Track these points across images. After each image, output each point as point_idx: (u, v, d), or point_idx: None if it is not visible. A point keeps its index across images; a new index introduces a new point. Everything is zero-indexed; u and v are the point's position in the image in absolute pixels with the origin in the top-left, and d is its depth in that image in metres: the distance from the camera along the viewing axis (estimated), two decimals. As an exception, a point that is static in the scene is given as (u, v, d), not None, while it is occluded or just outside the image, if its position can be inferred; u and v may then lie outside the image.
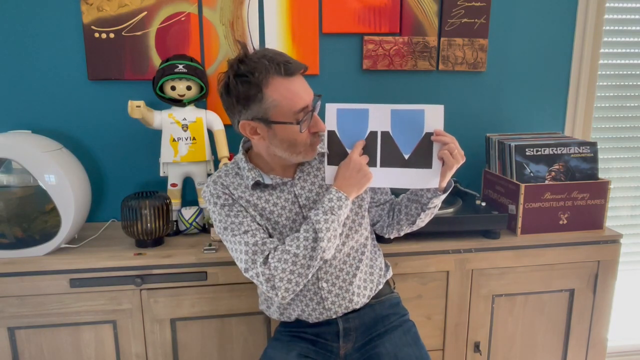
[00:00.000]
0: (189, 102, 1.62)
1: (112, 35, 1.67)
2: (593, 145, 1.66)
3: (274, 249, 1.12)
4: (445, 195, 1.21)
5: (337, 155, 1.15)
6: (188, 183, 1.77)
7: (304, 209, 1.20)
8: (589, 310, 1.67)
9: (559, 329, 1.68)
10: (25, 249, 1.44)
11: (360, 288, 1.25)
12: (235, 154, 1.46)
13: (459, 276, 1.56)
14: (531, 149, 1.63)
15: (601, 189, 1.63)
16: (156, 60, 1.70)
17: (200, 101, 1.68)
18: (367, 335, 1.26)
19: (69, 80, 1.70)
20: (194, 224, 1.65)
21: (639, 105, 2.05)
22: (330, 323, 1.24)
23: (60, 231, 1.45)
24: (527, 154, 1.63)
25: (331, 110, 1.14)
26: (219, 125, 1.66)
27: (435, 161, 1.13)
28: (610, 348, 2.00)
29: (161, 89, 1.60)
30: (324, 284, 1.21)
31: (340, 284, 1.22)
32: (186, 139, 1.62)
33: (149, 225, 1.49)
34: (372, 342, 1.25)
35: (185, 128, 1.62)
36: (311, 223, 1.11)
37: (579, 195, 1.62)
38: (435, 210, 1.27)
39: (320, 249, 1.09)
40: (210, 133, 1.67)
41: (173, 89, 1.59)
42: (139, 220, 1.48)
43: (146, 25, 1.68)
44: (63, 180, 1.43)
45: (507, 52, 1.89)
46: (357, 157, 1.13)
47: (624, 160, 2.10)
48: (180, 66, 1.57)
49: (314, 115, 1.12)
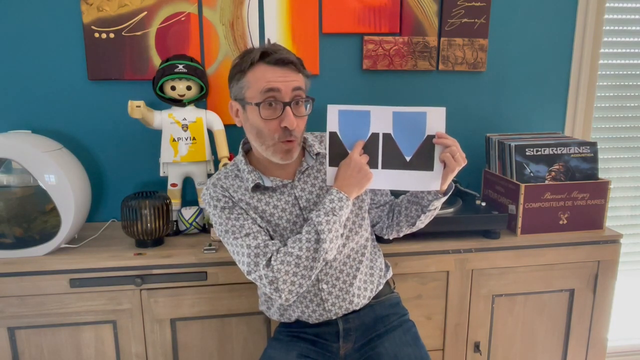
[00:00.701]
0: (189, 102, 1.62)
1: (112, 35, 1.67)
2: (593, 145, 1.66)
3: (277, 251, 1.11)
4: (445, 197, 1.21)
5: (339, 156, 1.15)
6: (188, 183, 1.77)
7: (305, 211, 1.20)
8: (589, 310, 1.67)
9: (559, 329, 1.68)
10: (25, 249, 1.44)
11: (361, 289, 1.25)
12: (235, 154, 1.46)
13: (459, 276, 1.56)
14: (531, 149, 1.63)
15: (601, 189, 1.63)
16: (156, 60, 1.70)
17: (200, 101, 1.68)
18: (367, 335, 1.26)
19: (69, 80, 1.70)
20: (194, 224, 1.65)
21: (639, 105, 2.05)
22: (330, 323, 1.24)
23: (60, 231, 1.45)
24: (527, 154, 1.63)
25: (333, 112, 1.13)
26: (219, 125, 1.66)
27: (437, 164, 1.13)
28: (610, 348, 2.00)
29: (161, 89, 1.60)
30: (324, 285, 1.21)
31: (340, 285, 1.22)
32: (186, 139, 1.62)
33: (149, 225, 1.49)
34: (372, 342, 1.25)
35: (185, 128, 1.62)
36: (313, 224, 1.11)
37: (579, 195, 1.62)
38: (436, 212, 1.27)
39: (322, 250, 1.09)
40: (210, 133, 1.67)
41: (173, 89, 1.59)
42: (139, 220, 1.48)
43: (146, 25, 1.68)
44: (63, 180, 1.43)
45: (507, 52, 1.89)
46: (358, 157, 1.12)
47: (624, 160, 2.10)
48: (180, 66, 1.57)
49: (286, 108, 1.10)
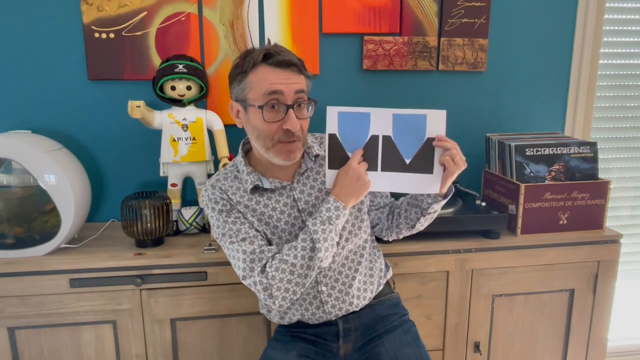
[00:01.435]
0: (189, 102, 1.62)
1: (112, 35, 1.67)
2: (593, 145, 1.66)
3: (272, 258, 1.12)
4: (445, 200, 1.21)
5: (338, 158, 1.15)
6: (188, 183, 1.77)
7: (303, 213, 1.20)
8: (589, 310, 1.67)
9: (559, 329, 1.68)
10: (25, 249, 1.44)
11: (360, 290, 1.25)
12: (235, 154, 1.46)
13: (459, 276, 1.56)
14: (531, 149, 1.63)
15: (601, 189, 1.63)
16: (156, 60, 1.70)
17: (200, 101, 1.68)
18: (367, 336, 1.26)
19: (69, 80, 1.70)
20: (194, 224, 1.65)
21: (639, 105, 2.05)
22: (330, 323, 1.24)
23: (60, 231, 1.45)
24: (527, 154, 1.63)
25: (332, 113, 1.13)
26: (219, 125, 1.66)
27: (437, 166, 1.13)
28: (610, 348, 2.00)
29: (161, 89, 1.60)
30: (324, 287, 1.21)
31: (339, 287, 1.22)
32: (186, 139, 1.62)
33: (149, 225, 1.49)
34: (372, 342, 1.24)
35: (185, 128, 1.62)
36: (309, 232, 1.11)
37: (579, 195, 1.62)
38: (435, 215, 1.27)
39: (317, 258, 1.10)
40: (210, 133, 1.67)
41: (173, 89, 1.59)
42: (139, 220, 1.48)
43: (146, 25, 1.68)
44: (63, 180, 1.43)
45: (507, 52, 1.89)
46: (356, 165, 1.12)
47: (624, 160, 2.10)
48: (180, 66, 1.57)
49: (289, 111, 1.10)
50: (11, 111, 1.70)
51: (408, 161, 1.14)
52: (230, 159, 1.64)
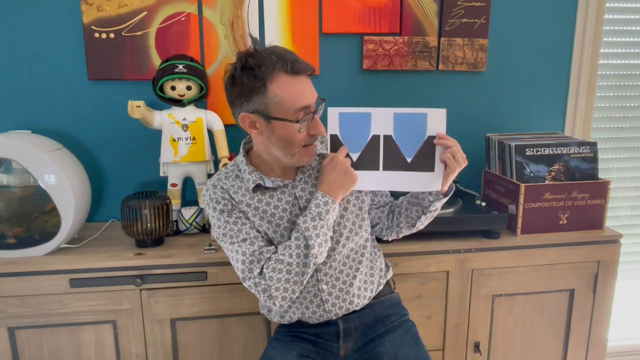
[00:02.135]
0: (189, 102, 1.62)
1: (112, 35, 1.67)
2: (593, 145, 1.66)
3: (268, 259, 1.12)
4: (446, 198, 1.21)
5: None
6: (188, 183, 1.77)
7: (305, 211, 1.20)
8: (589, 310, 1.67)
9: (559, 329, 1.68)
10: (25, 249, 1.45)
11: (361, 289, 1.24)
12: (235, 154, 1.46)
13: (459, 276, 1.56)
14: (531, 149, 1.63)
15: (601, 189, 1.63)
16: (156, 60, 1.70)
17: (200, 101, 1.68)
18: (367, 336, 1.26)
19: (69, 80, 1.70)
20: (194, 224, 1.65)
21: (639, 105, 2.05)
22: (331, 323, 1.24)
23: (60, 231, 1.45)
24: (527, 154, 1.63)
25: (333, 114, 1.14)
26: (219, 125, 1.66)
27: (438, 164, 1.14)
28: (610, 348, 2.00)
29: (161, 89, 1.60)
30: (324, 286, 1.21)
31: (340, 285, 1.22)
32: (186, 139, 1.62)
33: (149, 225, 1.49)
34: (372, 342, 1.24)
35: (185, 128, 1.62)
36: (301, 231, 1.11)
37: (579, 195, 1.62)
38: (436, 213, 1.27)
39: (312, 255, 1.10)
40: (210, 133, 1.67)
41: (173, 89, 1.59)
42: (139, 220, 1.48)
43: (146, 25, 1.68)
44: (63, 180, 1.43)
45: (507, 52, 1.89)
46: (343, 159, 1.13)
47: (624, 160, 2.10)
48: (180, 66, 1.57)
49: (315, 117, 1.12)
50: (11, 111, 1.70)
51: (409, 160, 1.14)
52: (230, 158, 1.64)
